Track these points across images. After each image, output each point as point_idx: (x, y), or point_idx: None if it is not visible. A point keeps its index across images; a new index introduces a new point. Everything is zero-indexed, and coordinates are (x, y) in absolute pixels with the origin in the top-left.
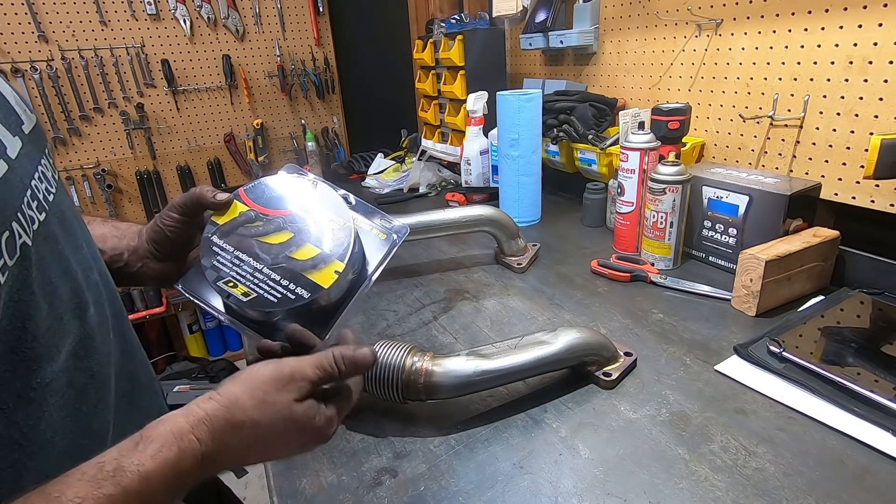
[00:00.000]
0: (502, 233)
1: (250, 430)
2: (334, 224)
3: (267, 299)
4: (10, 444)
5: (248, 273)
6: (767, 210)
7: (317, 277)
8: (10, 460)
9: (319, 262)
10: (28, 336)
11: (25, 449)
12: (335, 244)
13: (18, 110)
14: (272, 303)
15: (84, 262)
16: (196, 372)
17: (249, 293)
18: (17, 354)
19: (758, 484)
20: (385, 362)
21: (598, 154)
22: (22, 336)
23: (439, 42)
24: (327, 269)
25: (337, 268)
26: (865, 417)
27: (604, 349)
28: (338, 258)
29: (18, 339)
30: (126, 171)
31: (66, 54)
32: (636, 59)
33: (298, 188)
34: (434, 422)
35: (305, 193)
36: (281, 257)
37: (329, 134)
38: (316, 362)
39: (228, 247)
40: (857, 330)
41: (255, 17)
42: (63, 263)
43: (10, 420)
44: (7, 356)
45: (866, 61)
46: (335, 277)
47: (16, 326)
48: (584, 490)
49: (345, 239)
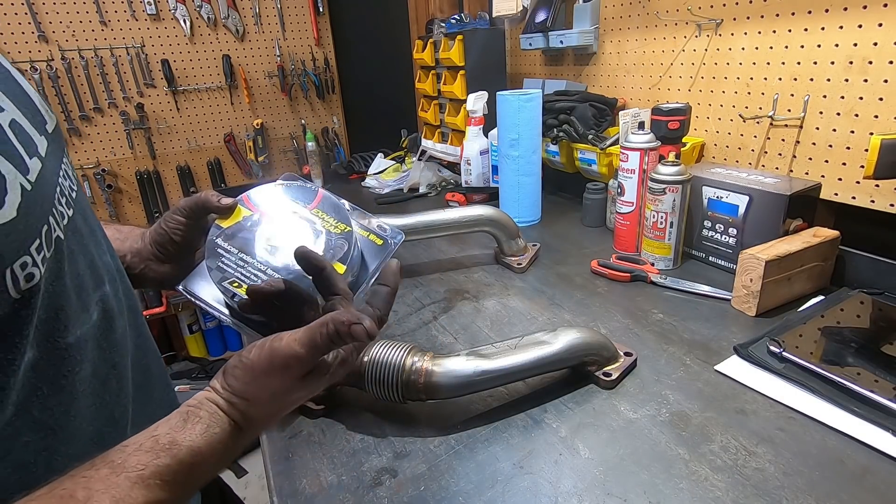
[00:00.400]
0: (502, 233)
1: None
2: (335, 228)
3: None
4: (44, 430)
5: (251, 273)
6: (767, 210)
7: None
8: (43, 445)
9: None
10: (60, 325)
11: (58, 434)
12: (336, 248)
13: (42, 110)
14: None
15: (104, 258)
16: (196, 372)
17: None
18: (51, 343)
19: (758, 484)
20: (385, 362)
21: (598, 154)
22: (55, 325)
23: (439, 42)
24: None
25: (337, 270)
26: (865, 417)
27: (604, 349)
28: (339, 261)
29: (53, 329)
30: (126, 171)
31: (66, 54)
32: (636, 59)
33: (300, 194)
34: (434, 422)
35: (307, 199)
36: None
37: (329, 134)
38: (308, 340)
39: (233, 248)
40: (857, 330)
41: (255, 17)
42: (88, 257)
43: (45, 406)
44: (43, 344)
45: (866, 61)
46: None
47: (50, 316)
48: (584, 490)
49: (345, 243)
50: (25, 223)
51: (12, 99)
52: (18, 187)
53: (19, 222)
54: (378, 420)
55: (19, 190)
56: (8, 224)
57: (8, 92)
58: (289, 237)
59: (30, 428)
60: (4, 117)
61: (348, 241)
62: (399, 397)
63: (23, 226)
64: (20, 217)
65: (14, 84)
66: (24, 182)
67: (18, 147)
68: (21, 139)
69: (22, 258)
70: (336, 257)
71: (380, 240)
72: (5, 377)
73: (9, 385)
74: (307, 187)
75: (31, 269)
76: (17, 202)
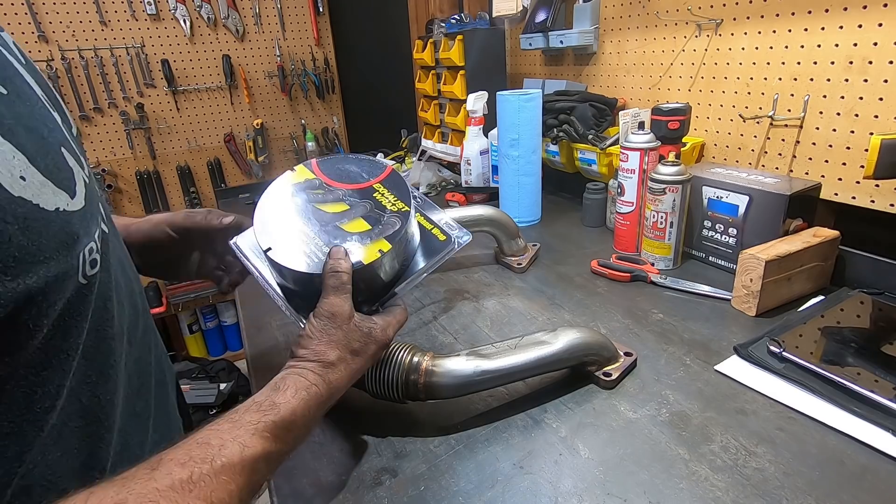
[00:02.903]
0: (502, 233)
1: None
2: (392, 206)
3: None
4: (90, 416)
5: (295, 235)
6: (767, 210)
7: (358, 250)
8: (88, 431)
9: (366, 238)
10: (109, 315)
11: (103, 422)
12: (386, 224)
13: (68, 116)
14: (306, 265)
15: (127, 257)
16: (196, 372)
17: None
18: (101, 332)
19: (758, 484)
20: (385, 362)
21: (598, 154)
22: (105, 315)
23: (439, 42)
24: (372, 245)
25: (383, 247)
26: (865, 417)
27: (604, 349)
28: (386, 238)
29: (102, 318)
30: (126, 171)
31: (66, 54)
32: (636, 59)
33: (366, 167)
34: (434, 422)
35: (374, 172)
36: (330, 226)
37: (329, 134)
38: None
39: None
40: (857, 330)
41: (255, 17)
42: (118, 254)
43: (93, 394)
44: (93, 332)
45: (866, 61)
46: (377, 256)
47: (100, 305)
48: (584, 490)
49: (398, 221)
50: (91, 212)
51: (52, 103)
52: (83, 181)
53: (87, 211)
54: (378, 420)
55: (83, 183)
56: (81, 211)
57: (48, 96)
58: (341, 205)
59: (79, 414)
60: (57, 118)
61: (402, 220)
62: (399, 397)
63: (89, 214)
64: (87, 206)
65: (47, 88)
66: (84, 177)
67: (74, 146)
68: (71, 138)
69: (90, 244)
70: (384, 234)
71: (443, 235)
72: (70, 361)
73: (70, 368)
74: (377, 162)
75: (95, 255)
76: (84, 192)
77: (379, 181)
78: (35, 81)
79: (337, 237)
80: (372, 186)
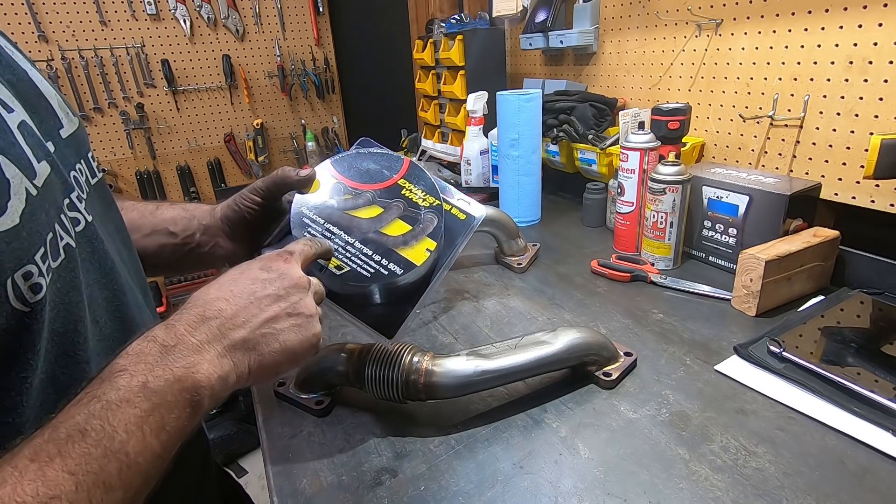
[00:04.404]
0: (502, 233)
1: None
2: (424, 202)
3: (360, 274)
4: None
5: (339, 246)
6: (767, 210)
7: (409, 254)
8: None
9: (410, 239)
10: (80, 339)
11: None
12: (426, 221)
13: (60, 113)
14: (366, 277)
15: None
16: None
17: (343, 266)
18: (70, 357)
19: (758, 484)
20: (385, 362)
21: (598, 154)
22: (74, 339)
23: (439, 42)
24: (419, 245)
25: (429, 246)
26: (865, 417)
27: (604, 349)
28: (429, 236)
29: (72, 342)
30: (126, 171)
31: (66, 54)
32: (636, 59)
33: (385, 161)
34: (434, 422)
35: (393, 167)
36: (372, 233)
37: (329, 134)
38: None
39: (319, 219)
40: (857, 330)
41: (255, 17)
42: (103, 267)
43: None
44: (61, 359)
45: (866, 61)
46: (427, 255)
47: (68, 329)
48: (584, 490)
49: (435, 217)
50: (29, 230)
51: (24, 100)
52: (23, 192)
53: (22, 229)
54: (378, 420)
55: (24, 195)
56: (9, 231)
57: (20, 93)
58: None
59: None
60: (13, 118)
61: (438, 215)
62: (399, 397)
63: (26, 233)
64: (23, 224)
65: (30, 85)
66: (29, 187)
67: (26, 150)
68: (30, 142)
69: (25, 267)
70: (426, 232)
71: (462, 214)
72: (18, 395)
73: (22, 403)
74: (392, 155)
75: (36, 279)
76: (20, 208)
77: (402, 176)
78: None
79: (383, 244)
80: (397, 184)
